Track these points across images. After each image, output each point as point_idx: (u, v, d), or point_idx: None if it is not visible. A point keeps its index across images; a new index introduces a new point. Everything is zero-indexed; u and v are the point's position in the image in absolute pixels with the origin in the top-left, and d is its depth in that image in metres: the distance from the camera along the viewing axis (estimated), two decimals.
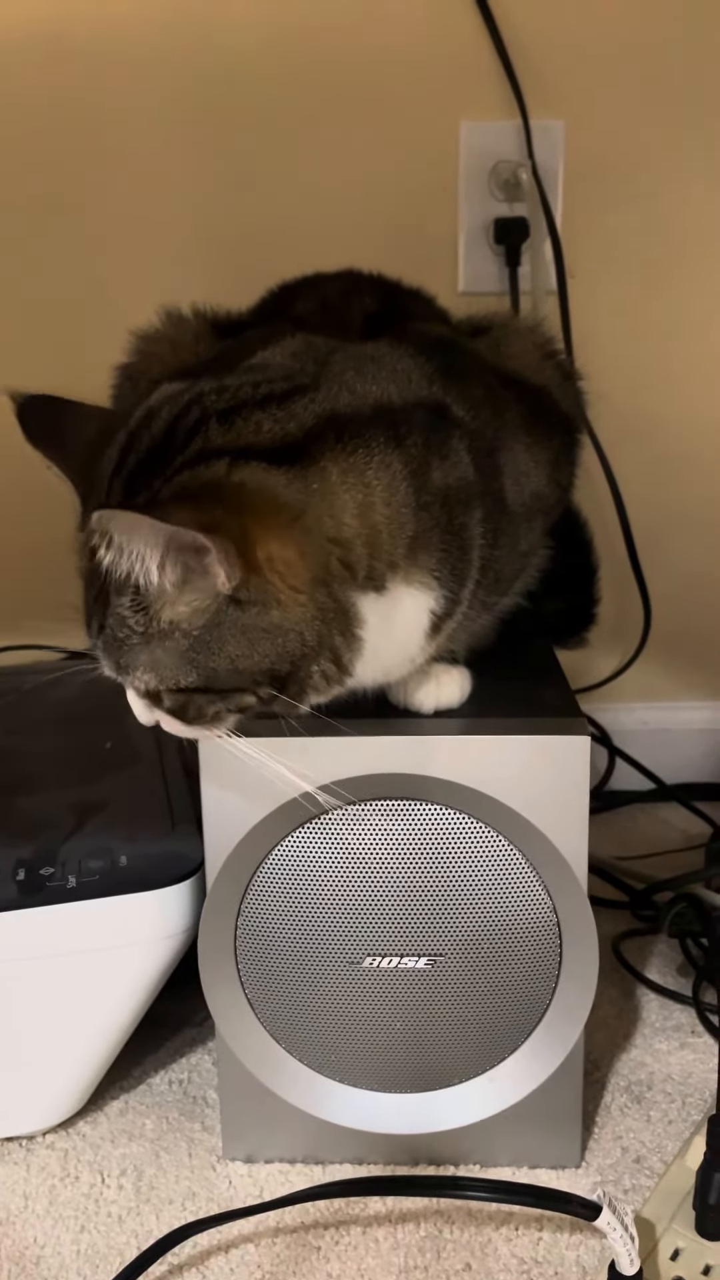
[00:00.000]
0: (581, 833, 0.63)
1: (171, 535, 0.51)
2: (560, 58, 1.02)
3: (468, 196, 1.05)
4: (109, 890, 0.66)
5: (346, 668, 0.57)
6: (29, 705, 0.93)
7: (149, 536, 0.51)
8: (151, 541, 0.51)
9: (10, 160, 1.04)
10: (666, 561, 1.11)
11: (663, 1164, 0.68)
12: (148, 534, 0.51)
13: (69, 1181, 0.68)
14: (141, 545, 0.51)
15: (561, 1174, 0.68)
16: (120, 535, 0.51)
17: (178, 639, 0.54)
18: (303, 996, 0.66)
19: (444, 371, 0.62)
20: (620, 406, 1.01)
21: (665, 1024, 0.81)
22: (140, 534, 0.51)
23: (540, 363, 0.71)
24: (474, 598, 0.63)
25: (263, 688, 0.55)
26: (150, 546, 0.51)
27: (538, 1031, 0.66)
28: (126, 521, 0.50)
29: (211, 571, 0.52)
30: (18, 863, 0.68)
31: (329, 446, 0.55)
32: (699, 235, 1.06)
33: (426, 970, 0.65)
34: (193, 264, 1.05)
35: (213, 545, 0.51)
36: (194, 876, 0.68)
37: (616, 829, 1.10)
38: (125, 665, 0.55)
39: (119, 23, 1.01)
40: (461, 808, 0.63)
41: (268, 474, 0.54)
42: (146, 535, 0.51)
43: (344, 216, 1.04)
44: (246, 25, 1.01)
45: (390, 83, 1.02)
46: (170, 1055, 0.79)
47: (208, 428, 0.55)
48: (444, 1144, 0.68)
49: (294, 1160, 0.69)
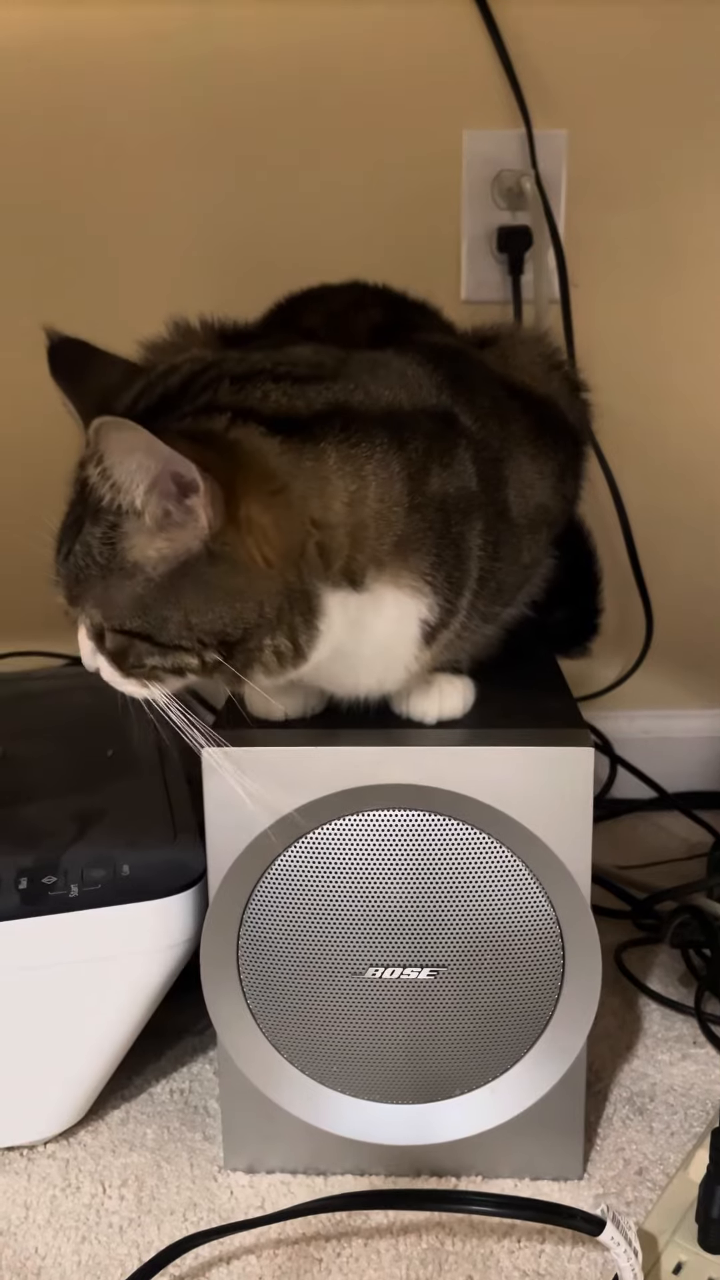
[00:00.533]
0: (585, 843, 0.63)
1: (168, 460, 0.51)
2: (563, 67, 1.03)
3: (471, 205, 1.05)
4: (111, 899, 0.66)
5: (303, 651, 0.57)
6: (31, 712, 0.93)
7: (145, 456, 0.51)
8: (146, 463, 0.51)
9: (16, 171, 1.04)
10: (668, 570, 1.11)
11: (665, 1176, 0.68)
12: (145, 452, 0.51)
13: (70, 1191, 0.68)
14: (135, 466, 0.52)
15: (564, 1186, 0.67)
16: (116, 450, 0.51)
17: (137, 581, 0.54)
18: (305, 1007, 0.66)
19: (452, 381, 0.62)
20: (623, 416, 1.02)
21: (667, 1034, 0.80)
22: (137, 451, 0.51)
23: (547, 374, 0.71)
24: (473, 608, 0.63)
25: (209, 651, 0.55)
26: (143, 469, 0.52)
27: (540, 1042, 0.66)
28: (126, 434, 0.51)
29: (194, 515, 0.53)
30: (20, 871, 0.67)
31: (333, 432, 0.56)
32: (701, 244, 1.07)
33: (429, 981, 0.65)
34: (198, 274, 1.05)
35: (203, 483, 0.51)
36: (196, 886, 0.67)
37: (618, 837, 1.10)
38: (77, 596, 0.56)
39: (124, 33, 1.01)
40: (464, 818, 0.63)
41: (263, 439, 0.55)
42: (143, 454, 0.51)
43: (348, 224, 1.05)
44: (251, 36, 1.01)
45: (394, 92, 1.03)
46: (171, 1064, 0.79)
47: (219, 387, 0.56)
48: (446, 1155, 0.68)
49: (295, 1171, 0.69)
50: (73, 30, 1.01)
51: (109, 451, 0.52)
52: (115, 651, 0.57)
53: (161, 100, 1.03)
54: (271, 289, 0.77)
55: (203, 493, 0.52)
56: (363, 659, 0.61)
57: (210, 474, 0.52)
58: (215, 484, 0.52)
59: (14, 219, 1.05)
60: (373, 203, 1.05)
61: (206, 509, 0.52)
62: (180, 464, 0.51)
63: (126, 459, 0.52)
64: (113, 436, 0.51)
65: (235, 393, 0.56)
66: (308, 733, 0.65)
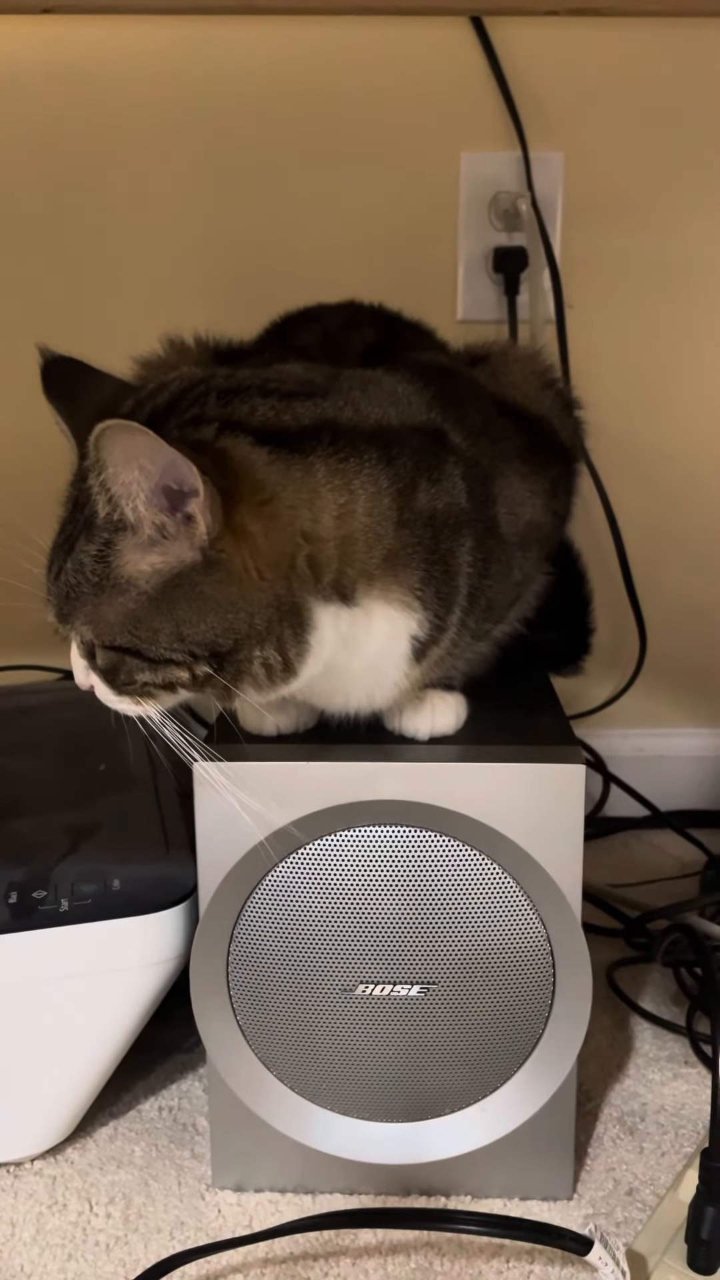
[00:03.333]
0: (576, 861, 0.63)
1: (170, 462, 0.51)
2: (560, 91, 1.04)
3: (467, 226, 1.06)
4: (101, 914, 0.66)
5: (292, 665, 0.57)
6: (23, 726, 0.93)
7: (147, 460, 0.51)
8: (147, 467, 0.52)
9: (14, 187, 1.05)
10: (662, 589, 1.11)
11: (655, 1196, 0.68)
12: (147, 456, 0.51)
13: (57, 1209, 0.67)
14: (135, 473, 0.52)
15: (553, 1205, 0.67)
16: (117, 456, 0.52)
17: (129, 596, 0.55)
18: (295, 1024, 0.65)
19: (442, 398, 0.63)
20: (617, 435, 1.02)
21: (658, 1054, 0.80)
22: (140, 456, 0.51)
23: (539, 392, 0.71)
24: (463, 625, 0.63)
25: (199, 664, 0.55)
26: (143, 475, 0.52)
27: (530, 1061, 0.65)
28: (130, 436, 0.51)
29: (192, 522, 0.53)
30: (10, 885, 0.67)
31: (321, 446, 0.57)
32: (696, 266, 1.07)
33: (419, 998, 0.64)
34: (195, 292, 1.06)
35: (202, 487, 0.52)
36: (187, 901, 0.67)
37: (610, 855, 1.10)
38: (68, 614, 0.57)
39: (124, 53, 1.02)
40: (456, 835, 0.63)
41: (251, 448, 0.55)
42: (145, 458, 0.51)
43: (345, 245, 1.06)
44: (251, 57, 1.02)
45: (393, 114, 1.04)
46: (160, 1081, 0.78)
47: (207, 401, 0.57)
48: (435, 1174, 0.67)
49: (284, 1189, 0.68)
50: (74, 48, 1.02)
51: (110, 458, 0.52)
52: (107, 669, 0.57)
53: (160, 120, 1.04)
54: (268, 307, 0.78)
55: (202, 496, 0.52)
56: (353, 675, 0.61)
57: (209, 477, 0.52)
58: (213, 488, 0.53)
59: (10, 234, 1.06)
60: (370, 223, 1.05)
61: (205, 514, 0.53)
62: (181, 466, 0.51)
63: (127, 466, 0.52)
64: (116, 439, 0.51)
65: (223, 406, 0.57)
66: (300, 748, 0.65)
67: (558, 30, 1.02)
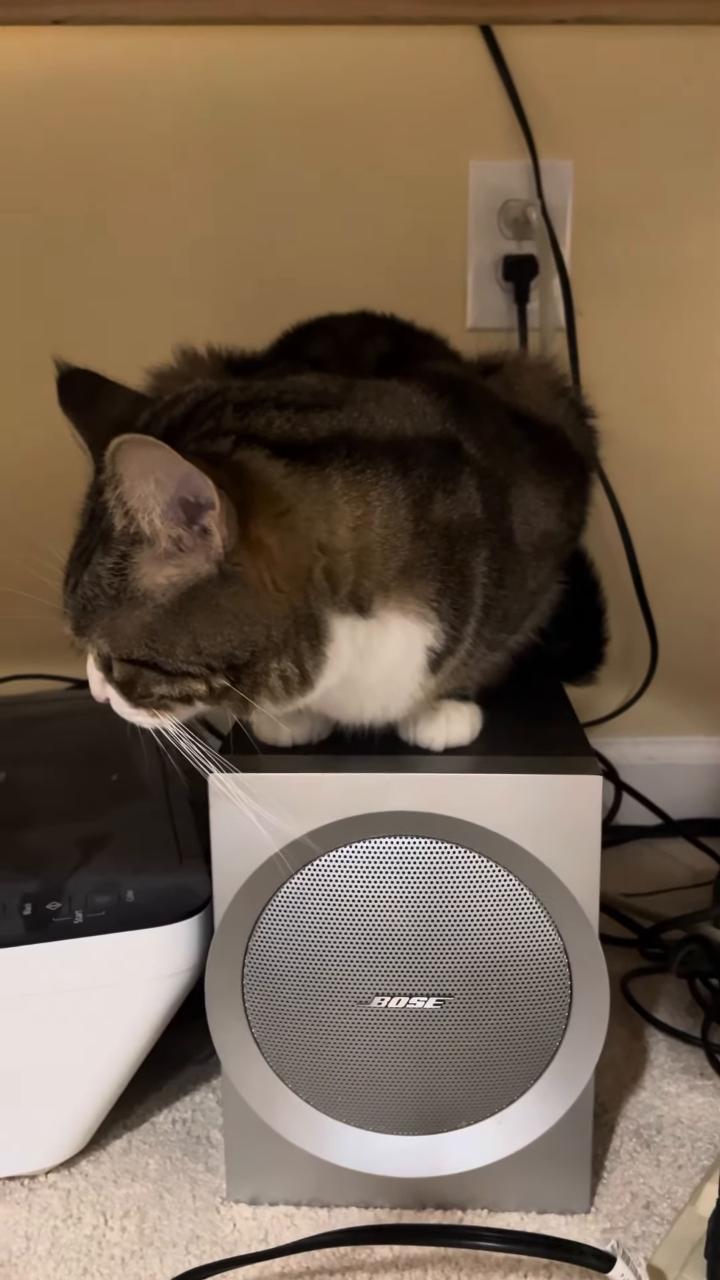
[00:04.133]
0: (592, 872, 0.62)
1: (186, 475, 0.51)
2: (569, 99, 1.04)
3: (477, 234, 1.06)
4: (116, 926, 0.66)
5: (309, 677, 0.57)
6: (35, 736, 0.93)
7: (163, 474, 0.51)
8: (163, 480, 0.52)
9: (23, 199, 1.05)
10: (673, 596, 1.11)
11: (673, 1210, 0.67)
12: (163, 470, 0.51)
13: (71, 1222, 0.67)
14: (151, 486, 0.52)
15: (570, 1220, 0.67)
16: (134, 469, 0.52)
17: (146, 609, 0.55)
18: (310, 1036, 0.65)
19: (457, 409, 0.63)
20: (628, 443, 1.01)
21: (674, 1066, 0.80)
22: (156, 469, 0.51)
23: (553, 401, 0.71)
24: (478, 635, 0.63)
25: (216, 676, 0.55)
26: (159, 488, 0.52)
27: (547, 1073, 0.65)
28: (146, 450, 0.51)
29: (208, 534, 0.53)
30: (24, 897, 0.67)
31: (337, 459, 0.57)
32: (706, 274, 1.07)
33: (435, 1011, 0.64)
34: (206, 302, 1.06)
35: (218, 500, 0.52)
36: (201, 912, 0.67)
37: (623, 865, 1.09)
38: (85, 626, 0.57)
39: (131, 63, 1.02)
40: (471, 846, 0.62)
41: (268, 461, 0.55)
42: (161, 472, 0.51)
43: (356, 253, 1.06)
44: (260, 66, 1.02)
45: (402, 123, 1.04)
46: (174, 1093, 0.78)
47: (223, 414, 0.57)
48: (452, 1188, 0.67)
49: (299, 1203, 0.68)
50: (84, 60, 1.02)
51: (126, 472, 0.52)
52: (123, 681, 0.57)
53: (169, 129, 1.04)
54: (280, 318, 0.78)
55: (218, 509, 0.52)
56: (368, 686, 0.61)
57: (225, 490, 0.52)
58: (229, 501, 0.53)
59: (21, 247, 1.06)
60: (380, 232, 1.05)
61: (221, 527, 0.53)
62: (197, 479, 0.51)
63: (143, 479, 0.52)
64: (132, 454, 0.51)
65: (239, 419, 0.57)
66: (315, 759, 0.65)
67: (567, 39, 1.02)
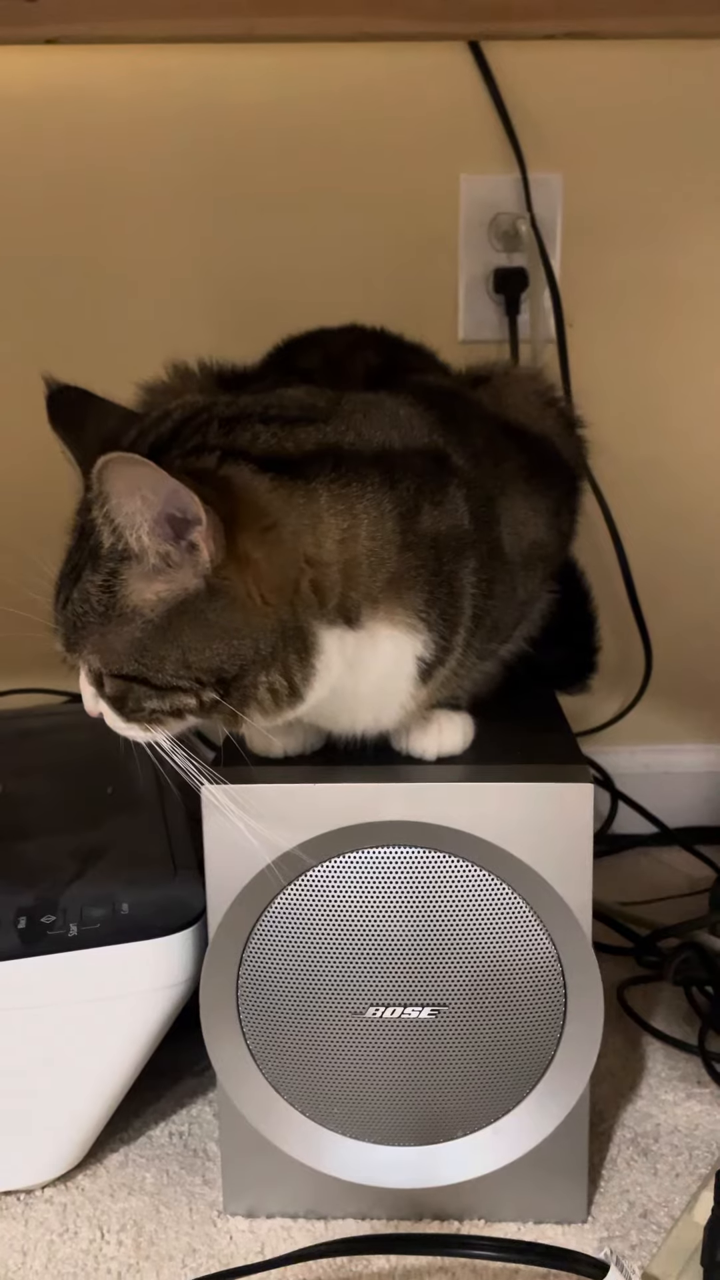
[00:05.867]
0: (585, 880, 0.62)
1: (173, 491, 0.52)
2: (558, 113, 1.04)
3: (468, 247, 1.07)
4: (111, 939, 0.66)
5: (298, 690, 0.57)
6: (30, 750, 0.93)
7: (149, 491, 0.52)
8: (150, 498, 0.52)
9: (16, 217, 1.06)
10: (667, 605, 1.11)
11: (670, 1218, 0.67)
12: (149, 487, 0.52)
13: (68, 1237, 0.67)
14: (138, 503, 0.52)
15: (568, 1229, 0.67)
16: (120, 487, 0.52)
17: (136, 625, 0.55)
18: (305, 1047, 0.65)
19: (444, 421, 0.63)
20: (619, 453, 1.02)
21: (671, 1074, 0.80)
22: (142, 486, 0.52)
23: (541, 411, 0.72)
24: (469, 645, 0.63)
25: (206, 690, 0.56)
26: (146, 506, 0.52)
27: (543, 1083, 0.65)
28: (131, 468, 0.51)
29: (195, 550, 0.53)
30: (19, 910, 0.67)
31: (324, 472, 0.57)
32: (695, 284, 1.08)
33: (430, 1021, 0.64)
34: (198, 317, 1.07)
35: (204, 516, 0.52)
36: (196, 924, 0.67)
37: (619, 873, 1.09)
38: (75, 643, 0.57)
39: (125, 80, 1.03)
40: (464, 855, 0.63)
41: (254, 476, 0.56)
42: (148, 489, 0.52)
43: (347, 267, 1.06)
44: (251, 83, 1.03)
45: (392, 138, 1.05)
46: (170, 1106, 0.78)
47: (209, 429, 0.57)
48: (448, 1198, 0.67)
49: (296, 1215, 0.68)
50: (77, 78, 1.03)
51: (113, 489, 0.52)
52: (115, 696, 0.57)
53: (162, 146, 1.05)
54: (271, 332, 0.78)
55: (205, 525, 0.53)
56: (359, 697, 0.61)
57: (212, 505, 0.53)
58: (216, 516, 0.53)
59: (15, 263, 1.06)
60: (372, 246, 1.06)
61: (208, 542, 0.53)
62: (183, 495, 0.52)
63: (130, 497, 0.52)
64: (118, 471, 0.51)
65: (225, 435, 0.57)
66: (307, 770, 0.65)
67: (555, 53, 1.03)
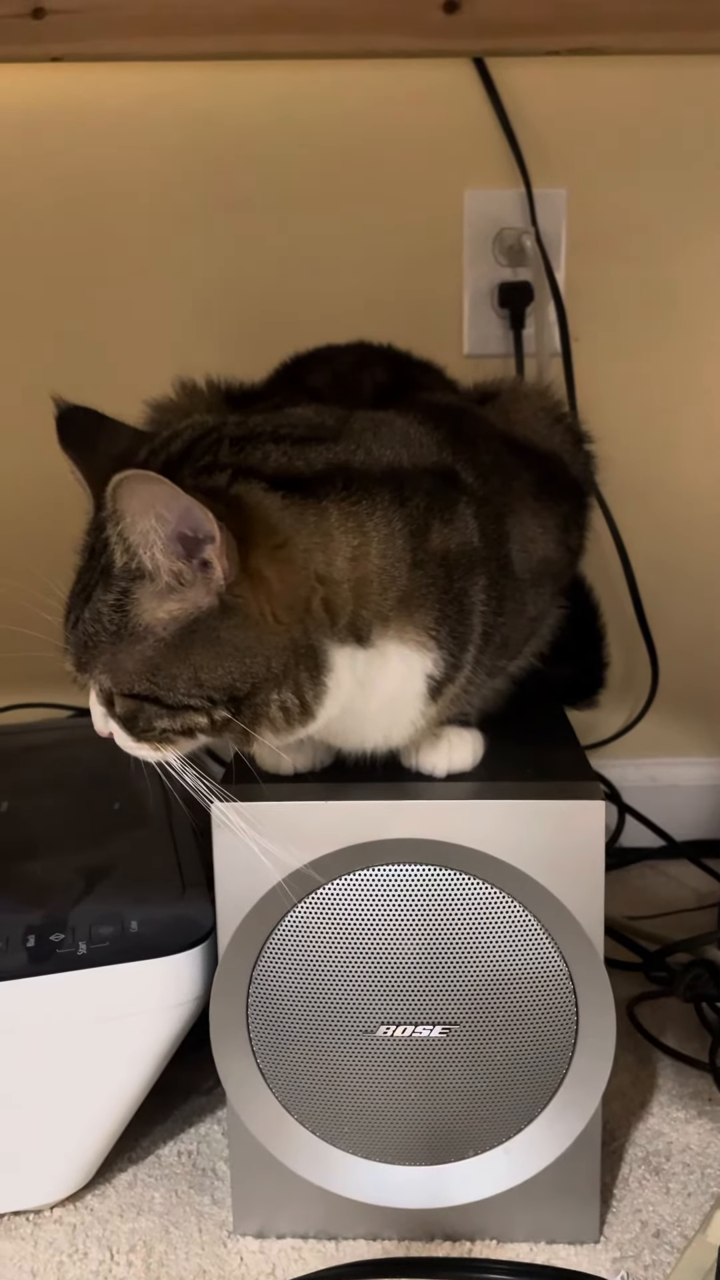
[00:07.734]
0: (597, 897, 0.62)
1: (186, 509, 0.52)
2: (562, 128, 1.05)
3: (472, 262, 1.07)
4: (120, 957, 0.66)
5: (309, 707, 0.57)
6: (37, 766, 0.93)
7: (163, 508, 0.52)
8: (165, 515, 0.52)
9: (22, 233, 1.06)
10: (673, 619, 1.11)
11: (683, 1238, 0.66)
12: (164, 504, 0.52)
13: (77, 1258, 0.66)
14: (152, 521, 0.52)
15: (580, 1249, 0.66)
16: (134, 505, 0.52)
17: (147, 644, 0.55)
18: (315, 1066, 0.65)
19: (453, 439, 0.63)
20: (625, 467, 1.02)
21: (682, 1091, 0.79)
22: (156, 504, 0.52)
23: (549, 427, 0.72)
24: (478, 663, 0.63)
25: (217, 709, 0.55)
26: (160, 523, 0.52)
27: (554, 1101, 0.65)
28: (147, 485, 0.51)
29: (209, 568, 0.53)
30: (27, 929, 0.67)
31: (335, 491, 0.57)
32: (699, 299, 1.08)
33: (441, 1039, 0.64)
34: (204, 334, 1.07)
35: (218, 533, 0.52)
36: (205, 943, 0.67)
37: (626, 887, 1.09)
38: (86, 662, 0.57)
39: (129, 96, 1.03)
40: (475, 872, 0.62)
41: (265, 494, 0.56)
42: (162, 506, 0.52)
43: (352, 282, 1.07)
44: (256, 99, 1.04)
45: (397, 154, 1.05)
46: (179, 1125, 0.77)
47: (220, 448, 0.57)
48: (460, 1218, 0.66)
49: (306, 1235, 0.67)
50: (79, 97, 1.03)
51: (128, 507, 0.52)
52: (126, 716, 0.57)
53: (167, 163, 1.05)
54: (277, 348, 0.79)
55: (219, 542, 0.53)
56: (369, 715, 0.61)
57: (225, 522, 0.53)
58: (229, 534, 0.53)
59: (21, 279, 1.07)
60: (377, 261, 1.07)
61: (221, 559, 0.53)
62: (197, 513, 0.52)
63: (144, 514, 0.52)
64: (133, 489, 0.52)
65: (236, 453, 0.57)
66: (317, 787, 0.65)
67: (559, 69, 1.04)
